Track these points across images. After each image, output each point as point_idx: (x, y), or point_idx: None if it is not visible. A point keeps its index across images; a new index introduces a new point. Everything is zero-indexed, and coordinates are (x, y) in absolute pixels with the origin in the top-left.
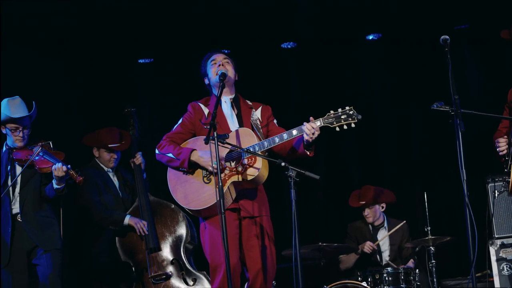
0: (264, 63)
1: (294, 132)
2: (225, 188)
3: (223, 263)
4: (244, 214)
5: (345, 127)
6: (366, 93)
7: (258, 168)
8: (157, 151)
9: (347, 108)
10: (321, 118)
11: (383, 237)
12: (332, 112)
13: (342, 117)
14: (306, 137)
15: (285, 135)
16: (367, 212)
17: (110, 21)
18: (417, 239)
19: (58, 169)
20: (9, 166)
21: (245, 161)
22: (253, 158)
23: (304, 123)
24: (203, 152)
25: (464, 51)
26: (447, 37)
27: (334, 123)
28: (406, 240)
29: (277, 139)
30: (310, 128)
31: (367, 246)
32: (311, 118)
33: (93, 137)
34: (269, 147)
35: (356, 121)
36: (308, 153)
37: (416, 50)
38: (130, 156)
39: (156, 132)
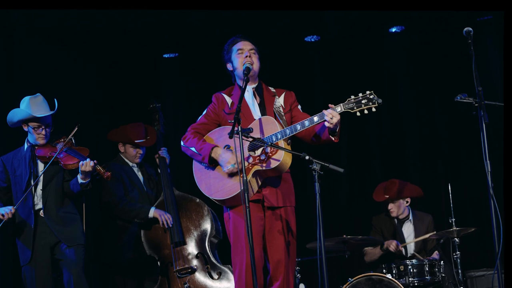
0: (288, 56)
1: (316, 118)
2: (248, 178)
3: (245, 258)
4: (268, 204)
5: (365, 111)
6: (389, 86)
7: (279, 159)
8: (182, 143)
9: (367, 92)
10: (341, 104)
11: (410, 242)
12: (352, 97)
13: (363, 101)
14: (326, 124)
15: (306, 122)
16: (390, 206)
17: (135, 16)
18: (441, 230)
19: (86, 164)
20: (31, 163)
21: (268, 149)
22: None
23: (324, 110)
24: (224, 152)
25: (488, 42)
26: (470, 29)
27: (355, 107)
28: (431, 232)
29: (299, 126)
30: (329, 114)
31: (393, 246)
32: (330, 105)
33: (118, 133)
34: (291, 135)
35: (377, 105)
36: (333, 138)
37: (439, 42)
38: (155, 152)
39: (180, 127)
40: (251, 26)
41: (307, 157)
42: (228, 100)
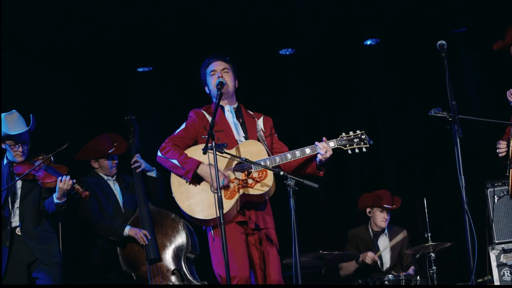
0: (263, 70)
1: (307, 150)
2: (233, 200)
3: (238, 276)
4: (252, 226)
5: (356, 150)
6: (365, 98)
7: (270, 184)
8: (159, 154)
9: (358, 132)
10: (334, 139)
11: (385, 248)
12: (344, 134)
13: (355, 140)
14: (320, 157)
15: (297, 153)
16: (387, 217)
17: (108, 30)
18: (417, 245)
19: (64, 180)
20: (9, 180)
21: (256, 174)
22: (264, 173)
23: (316, 142)
24: (212, 168)
25: (462, 55)
26: (444, 42)
27: (347, 145)
28: (406, 247)
29: (289, 156)
30: (324, 148)
31: (369, 257)
32: (324, 138)
33: (87, 151)
34: (280, 163)
35: (368, 146)
36: (319, 172)
37: (414, 55)
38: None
39: (155, 141)
40: (225, 40)
41: (281, 173)
42: (208, 117)
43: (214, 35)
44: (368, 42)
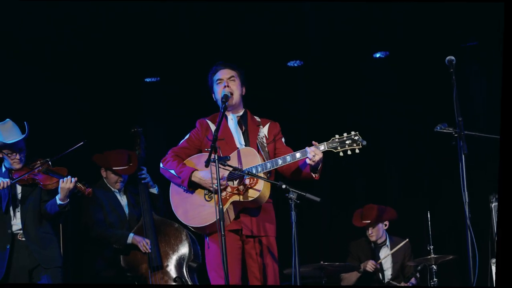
0: (271, 81)
1: (298, 155)
2: (225, 208)
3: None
4: (246, 233)
5: (349, 152)
6: (372, 111)
7: (259, 190)
8: (161, 165)
9: (352, 133)
10: (325, 142)
11: (385, 256)
12: (337, 136)
13: (347, 142)
14: (308, 161)
15: (288, 158)
16: (370, 231)
17: (115, 40)
18: (420, 257)
19: (67, 181)
20: (9, 187)
21: (247, 181)
22: (255, 179)
23: (307, 147)
24: (204, 173)
25: (472, 69)
26: (453, 58)
27: (338, 147)
28: (409, 258)
29: (280, 161)
30: (312, 152)
31: (370, 265)
32: (314, 142)
33: (101, 158)
34: (272, 169)
35: (361, 147)
36: (314, 175)
37: (424, 68)
38: (136, 175)
39: (161, 151)
40: (233, 51)
41: (283, 186)
42: (213, 127)
43: (222, 46)
44: (378, 55)
